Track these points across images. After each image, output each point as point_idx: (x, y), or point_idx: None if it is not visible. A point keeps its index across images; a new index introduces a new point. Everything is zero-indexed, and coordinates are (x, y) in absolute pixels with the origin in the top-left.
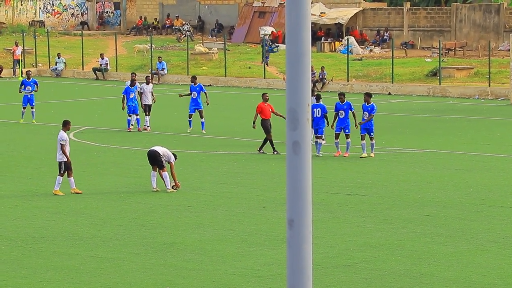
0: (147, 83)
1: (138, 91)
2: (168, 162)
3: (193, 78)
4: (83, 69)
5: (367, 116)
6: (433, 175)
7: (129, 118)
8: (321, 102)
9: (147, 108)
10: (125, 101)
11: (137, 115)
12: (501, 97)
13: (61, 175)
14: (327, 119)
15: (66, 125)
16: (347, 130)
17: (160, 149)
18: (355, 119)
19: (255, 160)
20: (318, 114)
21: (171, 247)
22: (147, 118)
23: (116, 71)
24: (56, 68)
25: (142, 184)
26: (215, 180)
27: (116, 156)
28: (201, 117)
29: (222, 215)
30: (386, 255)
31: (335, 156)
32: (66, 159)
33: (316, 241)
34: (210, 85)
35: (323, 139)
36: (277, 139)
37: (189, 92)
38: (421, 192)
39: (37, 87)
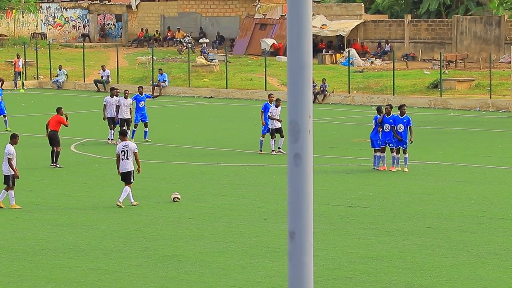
0: (125, 97)
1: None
2: (134, 152)
3: (140, 88)
4: (84, 81)
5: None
6: (434, 187)
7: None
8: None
9: (124, 123)
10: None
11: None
12: (502, 109)
13: (11, 188)
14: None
15: (13, 139)
16: (391, 144)
17: (131, 164)
18: (411, 134)
19: (256, 172)
20: (387, 129)
21: (172, 259)
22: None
23: (118, 83)
24: (57, 80)
25: (143, 196)
26: (216, 192)
27: (116, 168)
28: (145, 126)
29: (223, 227)
30: (387, 267)
31: (379, 170)
32: (13, 173)
33: (317, 253)
34: (211, 97)
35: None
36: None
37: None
38: (422, 204)
39: (1, 97)
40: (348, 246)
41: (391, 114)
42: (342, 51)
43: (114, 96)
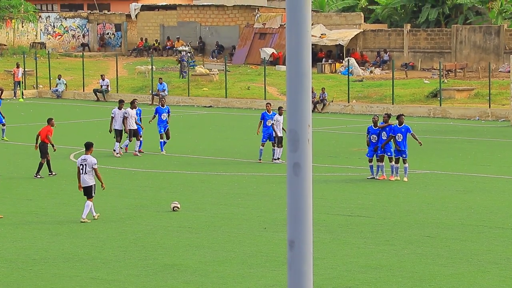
0: (132, 108)
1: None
2: (93, 168)
3: (163, 100)
4: (83, 91)
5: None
6: (434, 196)
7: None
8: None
9: (131, 133)
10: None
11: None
12: (502, 119)
13: None
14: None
15: None
16: (389, 153)
17: (91, 177)
18: (416, 139)
19: (255, 181)
20: (384, 137)
21: (172, 269)
22: (138, 142)
23: (117, 92)
24: (56, 90)
25: (143, 205)
26: (215, 201)
27: (116, 177)
28: (168, 138)
29: (223, 236)
30: (387, 276)
31: (379, 179)
32: None
33: (317, 262)
34: (210, 106)
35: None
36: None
37: (154, 114)
38: (421, 213)
39: None
40: (347, 255)
41: (389, 124)
42: (341, 60)
43: (122, 109)
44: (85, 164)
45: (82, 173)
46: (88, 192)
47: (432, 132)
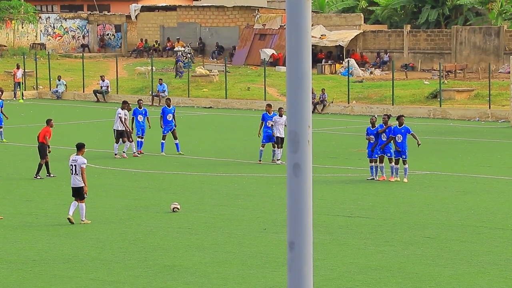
0: (128, 109)
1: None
2: (80, 167)
3: (168, 101)
4: (83, 92)
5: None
6: (434, 197)
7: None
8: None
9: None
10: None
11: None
12: (502, 119)
13: None
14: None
15: None
16: (389, 154)
17: (79, 178)
18: (416, 139)
19: (255, 182)
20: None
21: (172, 270)
22: (133, 144)
23: (117, 93)
24: (56, 91)
25: (142, 206)
26: (215, 202)
27: (116, 178)
28: (175, 138)
29: (223, 237)
30: (387, 277)
31: (379, 180)
32: None
33: (317, 263)
34: (210, 107)
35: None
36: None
37: (161, 115)
38: (421, 214)
39: (1, 109)
40: (347, 256)
41: (389, 125)
42: (341, 61)
43: (125, 109)
44: (75, 165)
45: (73, 174)
46: (78, 193)
47: (432, 133)
